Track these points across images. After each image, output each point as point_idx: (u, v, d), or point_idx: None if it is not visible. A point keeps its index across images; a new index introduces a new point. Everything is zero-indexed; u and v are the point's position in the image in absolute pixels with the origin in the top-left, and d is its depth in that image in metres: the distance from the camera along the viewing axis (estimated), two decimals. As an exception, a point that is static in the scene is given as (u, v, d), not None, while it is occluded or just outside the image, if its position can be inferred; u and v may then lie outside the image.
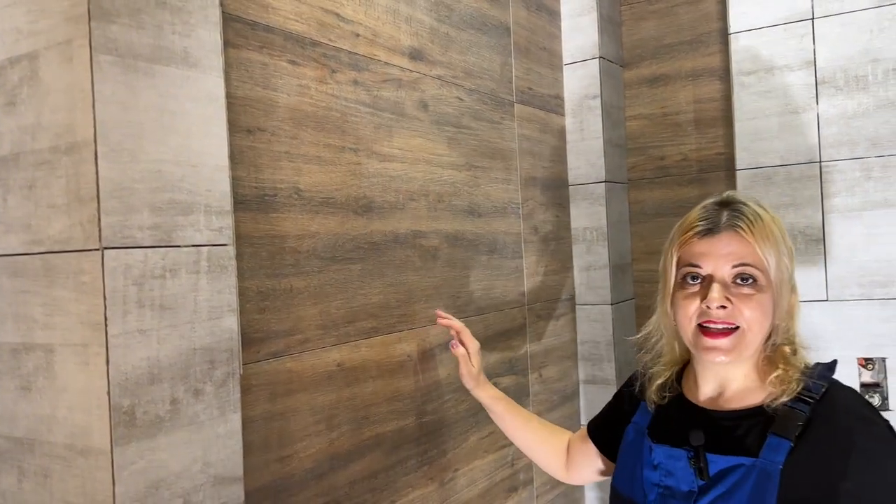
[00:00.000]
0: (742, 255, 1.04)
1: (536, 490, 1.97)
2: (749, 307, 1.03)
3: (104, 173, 0.87)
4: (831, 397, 1.03)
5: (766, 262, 1.03)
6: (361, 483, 1.36)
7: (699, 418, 1.09)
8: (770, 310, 1.04)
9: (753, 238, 1.03)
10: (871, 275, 1.87)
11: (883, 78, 1.87)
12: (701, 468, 1.03)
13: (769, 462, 0.99)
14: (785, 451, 0.99)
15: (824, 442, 0.99)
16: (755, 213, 1.06)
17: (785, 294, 1.06)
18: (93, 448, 0.88)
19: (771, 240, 1.04)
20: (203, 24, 1.00)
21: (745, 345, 1.04)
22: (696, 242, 1.07)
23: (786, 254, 1.06)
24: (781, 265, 1.04)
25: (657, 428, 1.15)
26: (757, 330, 1.04)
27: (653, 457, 1.10)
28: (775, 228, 1.06)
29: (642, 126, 2.33)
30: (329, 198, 1.32)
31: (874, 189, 1.87)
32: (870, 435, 0.99)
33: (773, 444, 1.00)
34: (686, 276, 1.07)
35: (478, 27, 1.79)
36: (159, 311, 0.92)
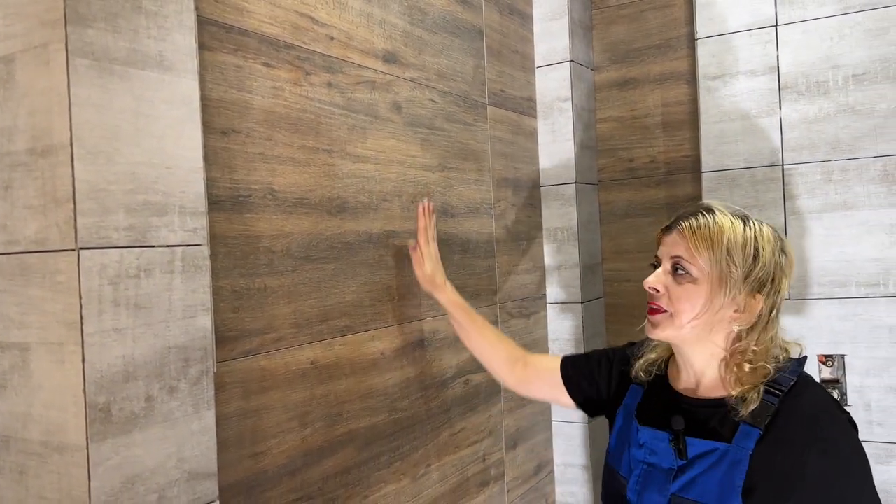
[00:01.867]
0: (679, 249, 1.19)
1: (507, 485, 2.00)
2: (676, 294, 1.18)
3: (80, 175, 0.88)
4: (799, 391, 1.15)
5: (697, 257, 1.16)
6: (334, 479, 1.39)
7: (680, 404, 1.23)
8: (700, 301, 1.16)
9: (691, 235, 1.18)
10: (831, 275, 1.93)
11: (843, 84, 1.93)
12: (681, 449, 1.16)
13: (740, 448, 1.12)
14: (754, 438, 1.11)
15: (790, 432, 1.11)
16: (704, 221, 1.18)
17: (727, 292, 1.16)
18: (68, 445, 0.89)
19: (708, 241, 1.16)
20: (178, 28, 1.02)
21: (675, 326, 1.18)
22: (661, 237, 1.25)
23: (735, 258, 1.15)
24: (722, 264, 1.15)
25: (644, 410, 1.28)
26: (685, 317, 1.17)
27: (639, 436, 1.24)
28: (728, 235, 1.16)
29: (612, 128, 2.37)
30: (303, 198, 1.34)
31: (834, 191, 1.93)
32: (831, 428, 1.11)
33: (744, 431, 1.12)
34: (651, 264, 1.26)
35: (451, 30, 1.82)
36: (134, 311, 0.94)
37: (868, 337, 1.89)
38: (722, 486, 1.11)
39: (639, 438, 1.24)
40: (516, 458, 2.06)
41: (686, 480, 1.15)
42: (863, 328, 1.90)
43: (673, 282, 1.19)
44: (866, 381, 1.89)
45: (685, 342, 1.21)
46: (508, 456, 2.01)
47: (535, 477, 2.17)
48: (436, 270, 1.58)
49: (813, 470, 1.07)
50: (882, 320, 1.88)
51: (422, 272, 1.57)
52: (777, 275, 1.19)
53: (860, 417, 1.89)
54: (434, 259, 1.58)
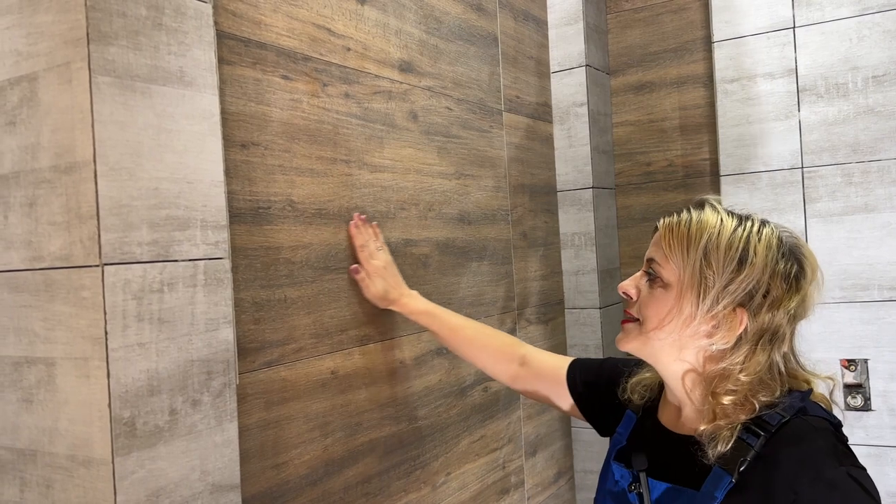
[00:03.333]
0: (654, 251, 1.07)
1: (528, 492, 2.00)
2: (644, 301, 1.05)
3: (103, 191, 0.89)
4: (788, 433, 0.94)
5: (669, 259, 1.02)
6: (355, 488, 1.39)
7: (658, 437, 1.08)
8: (669, 309, 1.01)
9: (667, 234, 1.04)
10: (853, 278, 1.91)
11: (863, 85, 1.91)
12: (640, 494, 1.01)
13: (709, 496, 0.93)
14: (725, 486, 0.93)
15: (764, 485, 0.91)
16: (687, 219, 1.03)
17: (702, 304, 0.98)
18: (94, 458, 0.90)
19: (684, 243, 1.01)
20: (198, 43, 1.02)
21: (645, 337, 1.04)
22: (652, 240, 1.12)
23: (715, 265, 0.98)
24: (695, 268, 0.99)
25: (631, 442, 1.13)
26: (653, 325, 1.02)
27: (613, 470, 1.11)
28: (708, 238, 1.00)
29: (629, 132, 2.36)
30: (322, 209, 1.34)
31: (855, 194, 1.91)
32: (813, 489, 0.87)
33: (716, 475, 0.94)
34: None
35: (466, 38, 1.82)
36: (158, 325, 0.95)
37: (892, 340, 1.87)
38: None
39: (613, 472, 1.11)
40: (536, 466, 2.05)
41: None
42: (886, 332, 1.88)
43: (646, 286, 1.06)
44: (891, 386, 1.87)
45: (656, 360, 1.05)
46: (528, 463, 2.01)
47: (555, 484, 2.16)
48: (388, 286, 1.41)
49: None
50: (906, 324, 1.86)
51: (371, 293, 1.40)
52: (774, 288, 0.98)
53: (884, 422, 1.87)
54: (383, 274, 1.41)
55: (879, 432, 1.87)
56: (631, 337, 1.07)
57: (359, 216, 1.42)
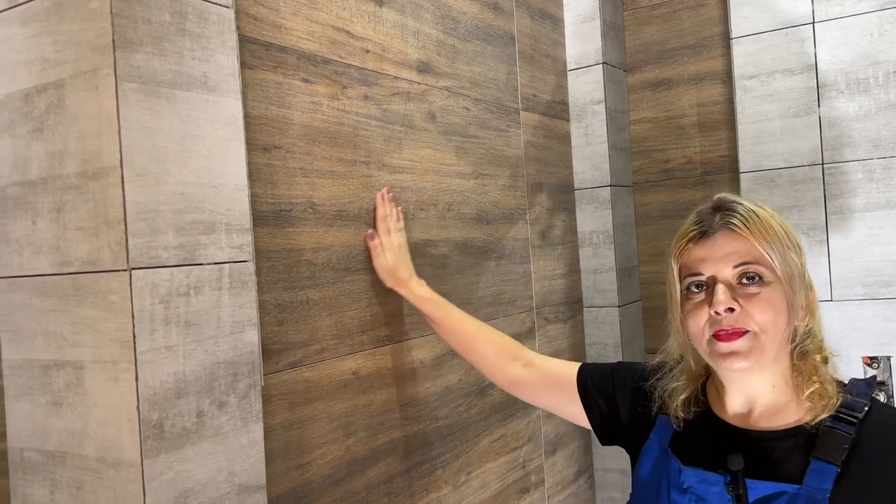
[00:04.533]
0: (742, 253, 0.98)
1: (548, 491, 2.00)
2: (758, 308, 0.96)
3: (130, 197, 0.90)
4: (877, 416, 0.95)
5: (768, 256, 0.97)
6: (378, 488, 1.40)
7: (732, 438, 1.01)
8: (783, 307, 0.97)
9: (750, 233, 0.98)
10: (875, 275, 1.90)
11: (884, 80, 1.89)
12: (740, 495, 0.95)
13: (816, 490, 0.91)
14: (832, 477, 0.91)
15: (875, 467, 0.91)
16: (749, 210, 1.00)
17: (798, 290, 0.99)
18: (123, 460, 0.92)
19: (771, 234, 0.98)
20: (221, 48, 1.03)
21: (762, 347, 0.96)
22: (693, 249, 1.02)
23: (792, 248, 0.99)
24: (788, 259, 0.98)
25: (684, 447, 1.06)
26: (772, 331, 0.96)
27: (682, 479, 1.02)
28: (774, 223, 1.00)
29: (646, 130, 2.36)
30: (342, 210, 1.35)
31: (876, 190, 1.90)
32: None
33: (817, 469, 0.92)
34: (689, 286, 1.02)
35: (483, 38, 1.82)
36: (185, 328, 0.96)
37: (915, 338, 1.85)
38: None
39: (681, 482, 1.01)
40: (556, 464, 2.05)
41: None
42: (909, 329, 1.86)
43: (741, 293, 0.97)
44: (914, 384, 1.86)
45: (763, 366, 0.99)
46: (548, 462, 2.01)
47: (575, 482, 2.16)
48: (399, 263, 1.39)
49: None
50: (929, 321, 1.84)
51: (380, 263, 1.38)
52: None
53: (908, 420, 1.85)
54: (396, 251, 1.39)
55: (903, 430, 1.86)
56: (754, 352, 0.96)
57: (387, 190, 1.42)
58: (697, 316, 1.00)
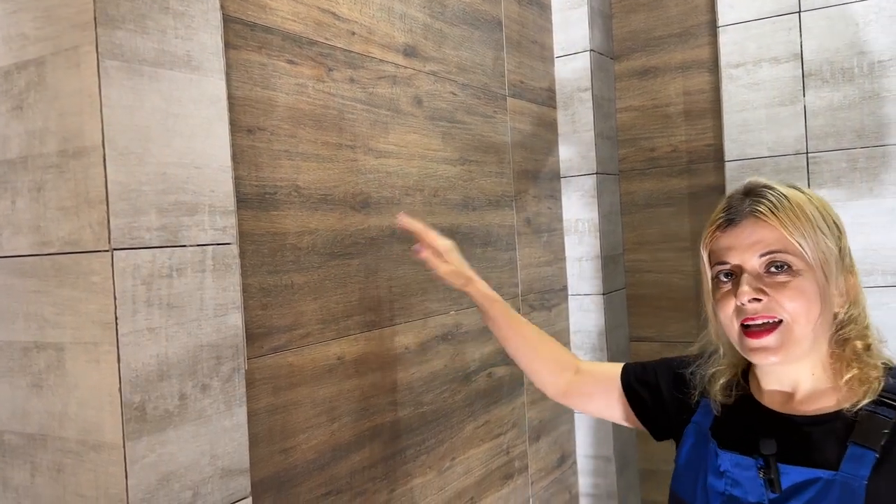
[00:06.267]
0: (769, 241, 0.95)
1: (531, 477, 2.01)
2: (787, 296, 0.93)
3: (112, 176, 0.89)
4: None
5: (796, 244, 0.93)
6: (362, 473, 1.39)
7: (769, 423, 1.00)
8: (815, 296, 0.93)
9: (778, 221, 0.94)
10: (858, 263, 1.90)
11: (868, 70, 1.90)
12: (772, 480, 0.93)
13: (852, 476, 0.89)
14: (870, 463, 0.89)
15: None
16: (780, 195, 0.96)
17: (835, 276, 0.95)
18: (105, 443, 0.91)
19: (801, 219, 0.94)
20: (204, 27, 1.02)
21: (794, 340, 0.94)
22: (721, 236, 0.99)
23: (827, 233, 0.95)
24: (821, 245, 0.94)
25: (723, 431, 1.05)
26: (804, 321, 0.93)
27: (718, 463, 1.01)
28: (809, 207, 0.96)
29: (633, 118, 2.36)
30: (327, 194, 1.34)
31: (860, 179, 1.91)
32: None
33: (855, 454, 0.90)
34: (718, 275, 1.00)
35: (470, 22, 1.81)
36: (167, 310, 0.95)
37: None
38: None
39: (718, 465, 1.00)
40: (540, 451, 2.06)
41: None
42: (891, 317, 1.87)
43: (770, 283, 0.94)
44: (893, 371, 1.87)
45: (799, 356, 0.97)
46: (532, 448, 2.02)
47: (559, 469, 2.17)
48: (461, 262, 1.34)
49: None
50: (909, 309, 1.86)
51: (446, 268, 1.32)
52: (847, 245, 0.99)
53: (887, 407, 1.87)
54: (453, 251, 1.34)
55: (882, 417, 1.88)
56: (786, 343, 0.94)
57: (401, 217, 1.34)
58: (726, 306, 0.98)
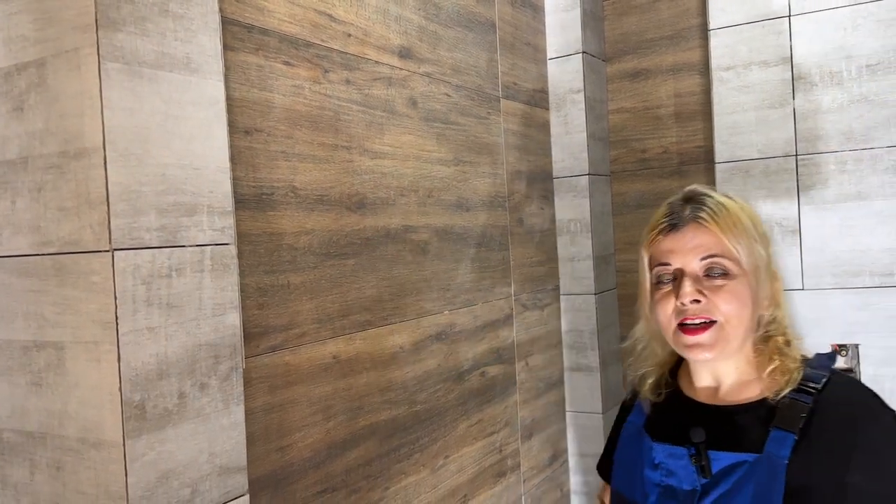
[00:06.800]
0: (709, 246, 1.02)
1: (523, 475, 2.03)
2: (723, 299, 1.00)
3: (113, 177, 0.90)
4: (834, 387, 1.00)
5: (734, 250, 1.01)
6: (357, 471, 1.41)
7: (698, 414, 1.07)
8: (748, 299, 1.02)
9: (718, 228, 1.02)
10: (845, 265, 1.94)
11: (857, 74, 1.93)
12: (703, 466, 1.00)
13: (774, 457, 0.96)
14: (790, 444, 0.96)
15: (829, 434, 0.96)
16: (718, 204, 1.04)
17: (764, 281, 1.04)
18: (105, 441, 0.92)
19: (738, 227, 1.03)
20: (203, 30, 1.03)
21: (726, 338, 1.02)
22: (663, 240, 1.06)
23: (758, 241, 1.04)
24: (754, 252, 1.03)
25: (656, 426, 1.12)
26: (736, 322, 1.01)
27: (653, 455, 1.07)
28: (743, 216, 1.05)
29: (624, 120, 2.38)
30: (323, 195, 1.35)
31: (847, 182, 1.94)
32: (875, 427, 0.96)
33: (776, 437, 0.97)
34: (659, 277, 1.07)
35: (464, 24, 1.83)
36: (166, 309, 0.96)
37: (882, 326, 1.90)
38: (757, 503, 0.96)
39: (653, 458, 1.07)
40: (532, 449, 2.08)
41: (713, 501, 0.99)
42: (877, 317, 1.91)
43: (708, 286, 1.01)
44: (881, 371, 1.90)
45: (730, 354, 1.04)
46: (524, 446, 2.04)
47: (550, 467, 2.19)
48: None
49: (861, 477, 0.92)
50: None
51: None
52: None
53: (874, 406, 1.90)
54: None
55: (869, 416, 1.91)
56: (719, 342, 1.01)
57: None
58: (665, 306, 1.05)
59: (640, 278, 1.11)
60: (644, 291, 1.11)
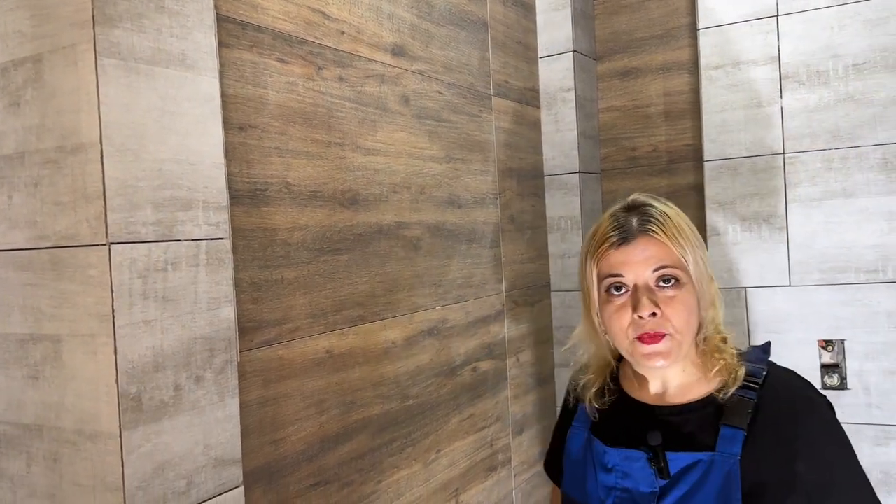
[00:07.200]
0: (660, 257, 1.05)
1: (514, 469, 2.05)
2: (675, 311, 1.04)
3: (110, 172, 0.91)
4: (773, 380, 1.07)
5: (682, 259, 1.05)
6: (349, 464, 1.42)
7: (650, 417, 1.10)
8: (695, 305, 1.06)
9: (667, 238, 1.05)
10: (831, 261, 1.97)
11: (843, 73, 1.96)
12: (661, 468, 1.04)
13: (727, 455, 1.01)
14: (740, 441, 1.01)
15: (774, 426, 1.02)
16: (663, 213, 1.07)
17: (706, 285, 1.08)
18: (101, 432, 0.93)
19: (683, 236, 1.06)
20: (199, 26, 1.04)
21: (679, 345, 1.05)
22: (613, 253, 1.08)
23: (699, 246, 1.08)
24: (697, 258, 1.07)
25: (606, 430, 1.15)
26: (687, 331, 1.05)
27: (606, 459, 1.10)
28: (684, 224, 1.08)
29: (614, 118, 2.40)
30: (317, 191, 1.37)
31: (834, 179, 1.96)
32: (812, 418, 1.03)
33: (727, 435, 1.02)
34: (610, 288, 1.09)
35: (456, 22, 1.84)
36: (162, 303, 0.97)
37: (867, 322, 1.93)
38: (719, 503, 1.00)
39: (606, 462, 1.10)
40: (522, 444, 2.10)
41: (673, 502, 1.03)
42: (862, 313, 1.94)
43: (661, 297, 1.05)
44: (865, 366, 1.93)
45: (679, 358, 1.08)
46: (515, 441, 2.06)
47: (541, 461, 2.20)
48: None
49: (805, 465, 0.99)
50: (881, 305, 1.91)
51: None
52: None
53: (860, 401, 1.93)
54: None
55: (855, 410, 1.94)
56: (673, 352, 1.04)
57: None
58: (621, 319, 1.07)
59: (585, 289, 1.14)
60: (592, 302, 1.13)
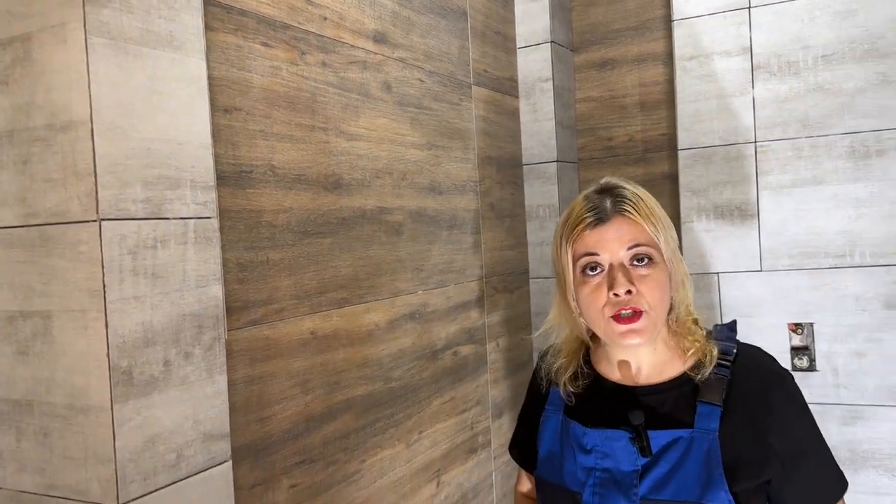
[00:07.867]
0: (634, 235, 1.07)
1: (494, 452, 2.08)
2: (649, 288, 1.06)
3: (100, 150, 0.92)
4: (743, 357, 1.11)
5: (656, 238, 1.07)
6: (334, 443, 1.45)
7: (626, 397, 1.12)
8: (667, 284, 1.09)
9: (641, 218, 1.07)
10: (801, 247, 2.03)
11: (813, 64, 2.01)
12: (644, 447, 1.05)
13: (706, 430, 1.04)
14: (717, 417, 1.04)
15: (747, 400, 1.06)
16: (635, 195, 1.10)
17: (676, 265, 1.11)
18: (93, 406, 0.94)
19: (655, 216, 1.09)
20: (186, 8, 1.05)
21: (653, 324, 1.07)
22: (589, 233, 1.09)
23: (669, 227, 1.11)
24: (669, 238, 1.09)
25: (582, 412, 1.16)
26: (660, 309, 1.08)
27: (585, 441, 1.11)
28: (655, 206, 1.11)
29: (591, 108, 2.44)
30: (301, 175, 1.39)
31: (804, 167, 2.02)
32: (780, 392, 1.08)
33: (704, 412, 1.05)
34: (585, 268, 1.09)
35: (437, 11, 1.87)
36: (152, 279, 0.99)
37: (836, 305, 1.99)
38: (701, 479, 1.02)
39: (584, 443, 1.11)
40: (502, 427, 2.13)
41: (656, 479, 1.05)
42: (830, 297, 2.00)
43: (635, 275, 1.06)
44: (833, 348, 1.99)
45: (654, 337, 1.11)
46: (495, 424, 2.09)
47: (520, 445, 2.24)
48: None
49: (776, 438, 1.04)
50: (848, 289, 1.97)
51: None
52: None
53: (828, 382, 1.99)
54: None
55: (823, 391, 2.00)
56: (648, 329, 1.06)
57: None
58: (597, 298, 1.08)
59: (560, 272, 1.15)
60: (567, 284, 1.13)
